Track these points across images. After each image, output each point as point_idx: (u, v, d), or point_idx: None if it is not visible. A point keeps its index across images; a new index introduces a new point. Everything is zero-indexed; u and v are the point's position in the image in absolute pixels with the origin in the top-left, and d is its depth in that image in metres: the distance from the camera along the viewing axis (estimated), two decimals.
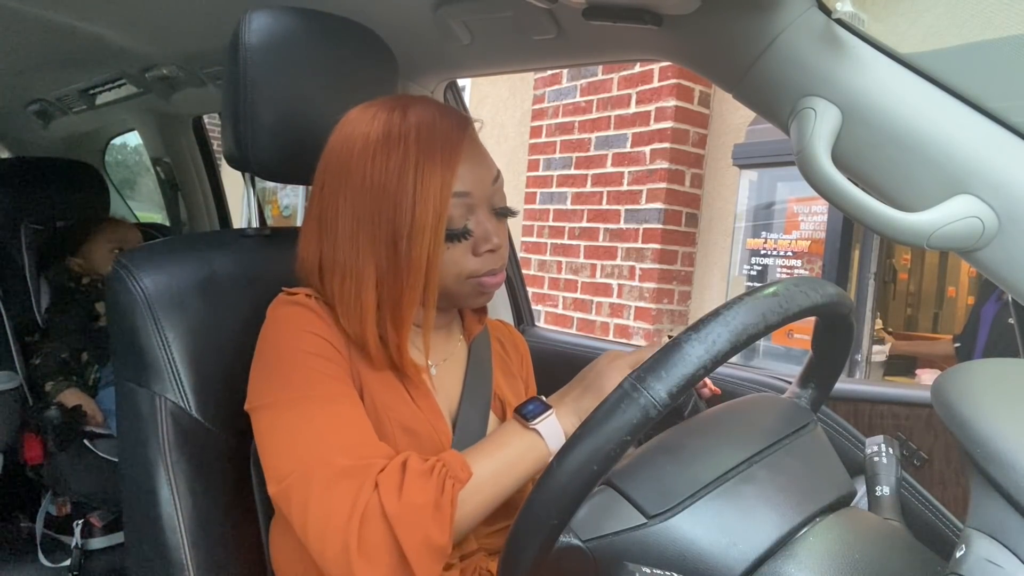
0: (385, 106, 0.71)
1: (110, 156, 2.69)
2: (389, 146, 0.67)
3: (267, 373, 0.68)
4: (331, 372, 0.68)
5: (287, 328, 0.70)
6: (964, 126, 0.65)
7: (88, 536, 1.68)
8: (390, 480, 0.60)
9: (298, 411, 0.65)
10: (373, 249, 0.68)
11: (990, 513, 0.39)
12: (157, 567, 0.75)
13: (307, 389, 0.66)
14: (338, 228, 0.69)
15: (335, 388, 0.67)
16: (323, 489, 0.60)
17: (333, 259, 0.70)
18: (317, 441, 0.63)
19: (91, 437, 1.67)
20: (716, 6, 0.74)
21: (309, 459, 0.62)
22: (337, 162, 0.71)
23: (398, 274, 0.68)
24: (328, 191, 0.71)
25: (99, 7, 1.27)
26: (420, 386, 0.75)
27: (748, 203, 2.97)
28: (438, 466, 0.62)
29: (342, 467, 0.60)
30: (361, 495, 0.59)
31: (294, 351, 0.68)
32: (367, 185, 0.68)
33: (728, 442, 0.57)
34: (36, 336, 1.82)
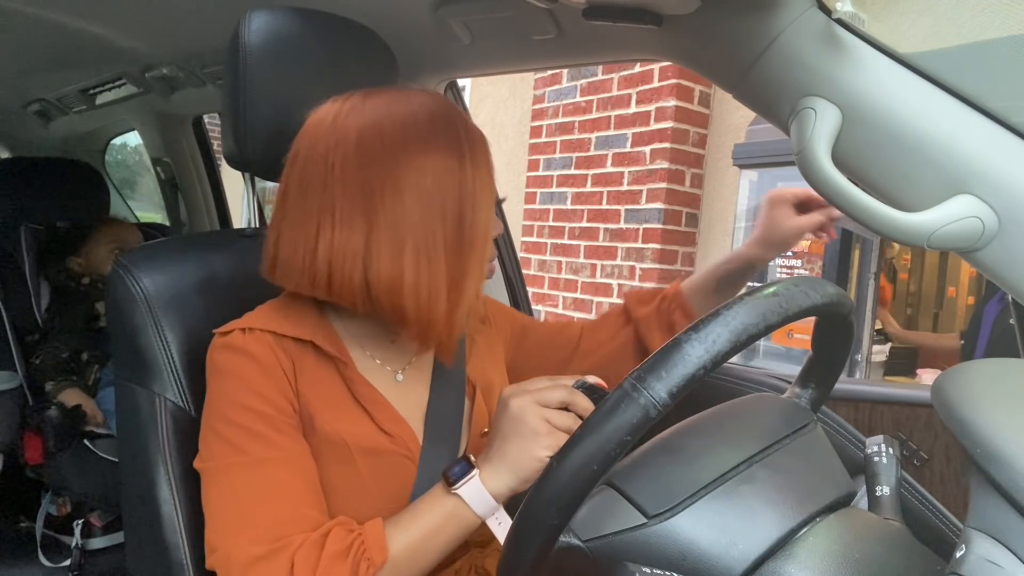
0: (410, 91, 0.73)
1: (110, 156, 2.69)
2: (442, 130, 0.69)
3: (205, 432, 0.69)
4: (263, 430, 0.66)
5: (219, 382, 0.69)
6: (964, 126, 0.65)
7: (88, 536, 1.68)
8: (306, 562, 0.60)
9: (225, 481, 0.65)
10: (443, 225, 0.67)
11: (990, 513, 0.39)
12: (157, 567, 0.75)
13: (235, 455, 0.65)
14: (401, 211, 0.66)
15: (265, 451, 0.65)
16: (244, 571, 0.61)
17: (391, 241, 0.66)
18: (239, 518, 0.63)
19: (91, 437, 1.67)
20: (716, 6, 0.74)
21: (229, 540, 0.63)
22: (380, 144, 0.67)
23: (462, 249, 0.68)
24: (375, 173, 0.67)
25: (99, 7, 1.27)
26: (377, 401, 0.73)
27: (748, 203, 2.97)
28: (356, 544, 0.62)
29: (258, 553, 0.61)
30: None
31: (225, 409, 0.67)
32: (428, 165, 0.67)
33: (728, 442, 0.57)
34: (36, 336, 1.82)
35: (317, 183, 0.68)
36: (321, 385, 0.71)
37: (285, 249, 0.69)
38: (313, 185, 0.68)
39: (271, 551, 0.61)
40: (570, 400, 0.65)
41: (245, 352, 0.69)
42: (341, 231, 0.66)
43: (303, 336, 0.71)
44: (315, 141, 0.69)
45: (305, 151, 0.69)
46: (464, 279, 0.69)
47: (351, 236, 0.66)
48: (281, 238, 0.70)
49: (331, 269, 0.67)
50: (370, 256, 0.66)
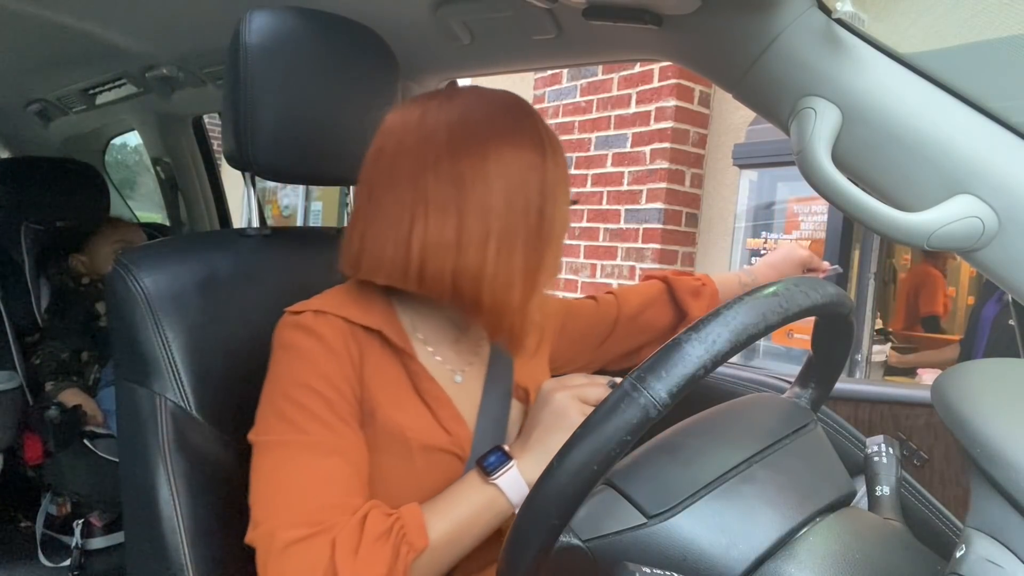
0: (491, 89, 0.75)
1: (110, 156, 2.69)
2: (523, 124, 0.71)
3: (264, 406, 0.69)
4: (324, 414, 0.66)
5: (286, 359, 0.69)
6: (964, 126, 0.65)
7: (88, 536, 1.68)
8: (347, 543, 0.60)
9: (279, 457, 0.65)
10: (525, 218, 0.69)
11: (990, 513, 0.39)
12: (157, 567, 0.75)
13: (293, 433, 0.65)
14: (489, 202, 0.68)
15: (322, 434, 0.66)
16: (280, 553, 0.61)
17: (479, 232, 0.68)
18: (287, 497, 0.64)
19: (91, 437, 1.67)
20: (716, 6, 0.74)
21: (275, 517, 0.63)
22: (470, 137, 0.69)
23: (540, 242, 0.70)
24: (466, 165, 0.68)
25: (99, 7, 1.27)
26: (439, 398, 0.74)
27: (748, 203, 2.97)
28: (396, 527, 0.62)
29: (300, 535, 0.61)
30: (318, 564, 0.59)
31: (289, 387, 0.67)
32: (514, 158, 0.69)
33: (728, 442, 0.57)
34: (36, 336, 1.82)
35: (408, 176, 0.69)
36: (385, 376, 0.72)
37: (374, 243, 0.70)
38: (404, 179, 0.69)
39: (313, 534, 0.61)
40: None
41: (315, 334, 0.69)
42: (434, 222, 0.68)
43: (372, 325, 0.72)
44: (404, 136, 0.71)
45: (393, 147, 0.71)
46: (538, 272, 0.71)
47: (444, 227, 0.68)
48: (368, 232, 0.71)
49: (424, 260, 0.68)
50: (460, 246, 0.68)
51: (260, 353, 0.85)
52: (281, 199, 6.68)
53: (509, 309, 0.70)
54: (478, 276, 0.68)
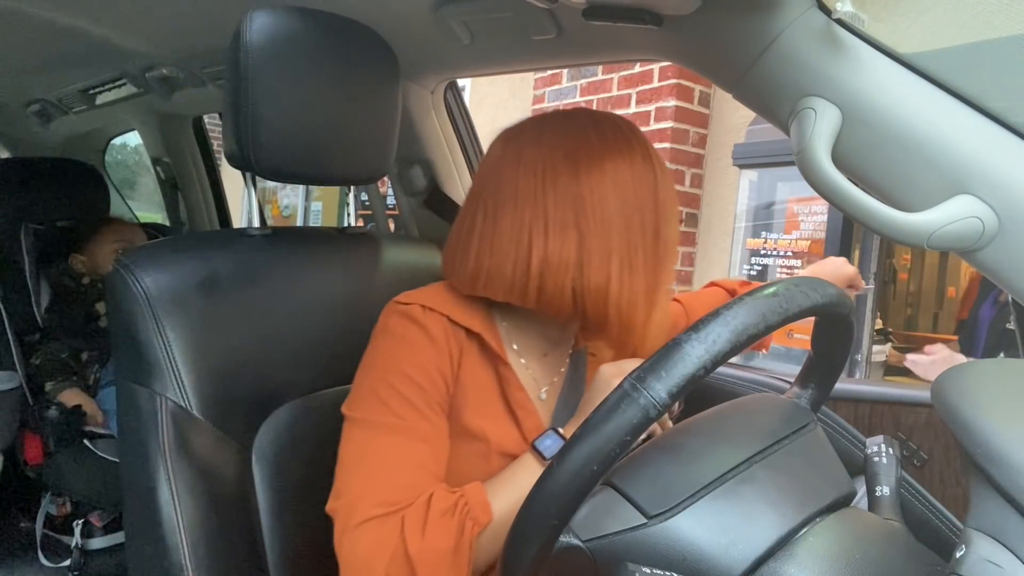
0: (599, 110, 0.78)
1: (110, 156, 2.69)
2: (633, 142, 0.73)
3: (361, 385, 0.72)
4: (417, 401, 0.69)
5: (390, 345, 0.72)
6: (964, 126, 0.65)
7: (88, 536, 1.68)
8: (415, 520, 0.63)
9: (370, 436, 0.68)
10: (642, 236, 0.72)
11: (990, 513, 0.39)
12: (157, 567, 0.75)
13: (387, 415, 0.68)
14: (609, 221, 0.70)
15: (413, 420, 0.69)
16: (356, 527, 0.64)
17: (601, 251, 0.70)
18: (372, 474, 0.66)
19: (91, 437, 1.67)
20: (716, 6, 0.74)
21: (358, 491, 0.66)
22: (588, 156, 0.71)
23: (657, 259, 0.73)
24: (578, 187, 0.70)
25: (99, 7, 1.27)
26: (527, 409, 0.76)
27: (748, 203, 2.97)
28: (460, 504, 0.64)
29: (377, 513, 0.64)
30: (388, 540, 0.62)
31: (389, 372, 0.70)
32: (630, 177, 0.71)
33: (728, 442, 0.57)
34: (36, 336, 1.82)
35: (527, 195, 0.71)
36: (477, 380, 0.74)
37: (493, 261, 0.72)
38: (524, 197, 0.71)
39: (388, 513, 0.64)
40: None
41: (422, 326, 0.72)
42: (554, 240, 0.70)
43: (473, 328, 0.74)
44: (522, 155, 0.73)
45: (511, 165, 0.73)
46: (658, 289, 0.74)
47: (564, 246, 0.70)
48: (487, 251, 0.73)
49: (543, 278, 0.70)
50: (581, 265, 0.70)
51: (260, 353, 0.85)
52: (281, 199, 6.69)
53: (636, 326, 0.72)
54: (603, 294, 0.70)
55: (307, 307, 0.91)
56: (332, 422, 0.91)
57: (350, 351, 0.94)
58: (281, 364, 0.86)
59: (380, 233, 1.13)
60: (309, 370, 0.90)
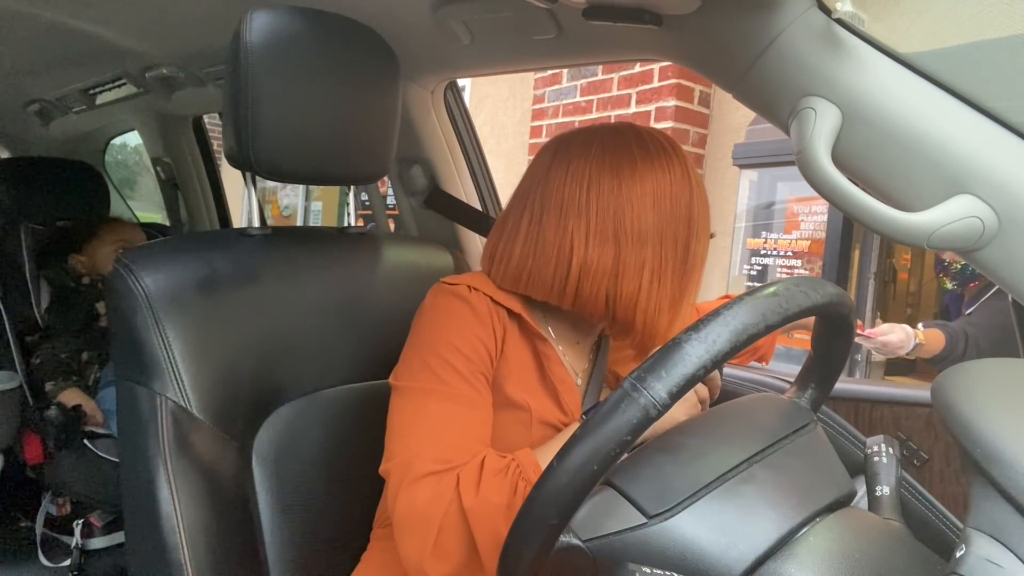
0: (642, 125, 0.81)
1: (110, 156, 2.68)
2: (673, 159, 0.76)
3: (410, 356, 0.75)
4: (464, 371, 0.73)
5: (439, 320, 0.76)
6: (964, 126, 0.65)
7: (88, 536, 1.68)
8: (469, 477, 0.66)
9: (421, 402, 0.72)
10: (674, 249, 0.75)
11: (990, 513, 0.39)
12: (157, 567, 0.75)
13: (436, 383, 0.72)
14: (645, 234, 0.74)
15: (460, 388, 0.72)
16: (413, 482, 0.67)
17: (636, 262, 0.74)
18: (425, 435, 0.70)
19: (91, 437, 1.67)
20: (716, 6, 0.74)
21: (413, 450, 0.69)
22: (631, 168, 0.75)
23: (685, 271, 0.77)
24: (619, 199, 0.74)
25: (99, 7, 1.27)
26: (567, 383, 0.80)
27: (748, 203, 2.97)
28: (512, 465, 0.68)
29: (433, 469, 0.67)
30: (444, 494, 0.65)
31: (438, 344, 0.74)
32: (668, 191, 0.75)
33: (728, 442, 0.57)
34: (36, 336, 1.82)
35: (573, 203, 0.75)
36: (519, 358, 0.78)
37: (536, 263, 0.77)
38: (570, 205, 0.76)
39: (444, 470, 0.67)
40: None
41: (469, 303, 0.76)
42: (594, 249, 0.74)
43: (514, 309, 0.78)
44: (569, 163, 0.77)
45: (560, 173, 0.77)
46: (683, 299, 0.78)
47: (602, 255, 0.74)
48: (528, 251, 0.77)
49: (580, 282, 0.75)
50: (616, 274, 0.74)
51: (260, 352, 0.85)
52: (281, 199, 6.68)
53: (659, 333, 0.77)
54: (633, 302, 0.75)
55: (307, 307, 0.91)
56: (332, 421, 0.91)
57: (350, 351, 0.94)
58: (281, 364, 0.86)
59: (380, 233, 1.13)
60: (309, 370, 0.90)
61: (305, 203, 6.47)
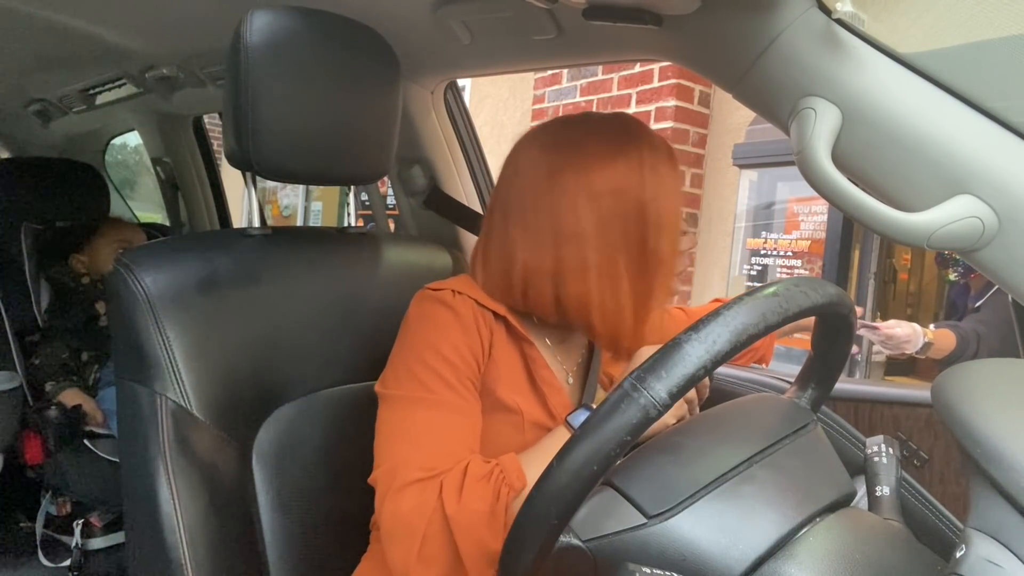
0: (597, 113, 0.79)
1: (110, 156, 2.68)
2: (621, 152, 0.73)
3: (396, 364, 0.75)
4: (450, 377, 0.72)
5: (424, 327, 0.75)
6: (964, 126, 0.65)
7: (88, 536, 1.68)
8: (452, 484, 0.65)
9: (407, 410, 0.72)
10: (625, 248, 0.73)
11: (990, 513, 0.39)
12: (157, 567, 0.75)
13: (422, 391, 0.72)
14: (583, 233, 0.72)
15: (446, 395, 0.72)
16: (398, 490, 0.67)
17: (577, 261, 0.73)
18: (411, 443, 0.70)
19: (91, 437, 1.67)
20: (716, 6, 0.74)
21: (398, 458, 0.69)
22: (562, 168, 0.74)
23: (646, 269, 0.74)
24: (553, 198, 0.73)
25: (99, 7, 1.27)
26: (554, 386, 0.79)
27: (748, 203, 2.97)
28: (496, 471, 0.67)
29: (418, 476, 0.67)
30: (428, 502, 0.65)
31: (423, 351, 0.73)
32: (605, 188, 0.72)
33: (728, 442, 0.57)
34: (36, 336, 1.82)
35: (517, 205, 0.76)
36: (507, 360, 0.78)
37: (492, 265, 0.78)
38: (515, 207, 0.76)
39: (428, 477, 0.67)
40: None
41: (453, 308, 0.75)
42: (534, 251, 0.74)
43: (499, 312, 0.77)
44: (519, 164, 0.77)
45: (510, 174, 0.78)
46: (649, 298, 0.76)
47: (542, 255, 0.74)
48: (488, 254, 0.79)
49: (526, 285, 0.75)
50: (559, 275, 0.74)
51: (261, 352, 0.85)
52: (281, 199, 6.68)
53: (624, 333, 0.75)
54: (584, 303, 0.74)
55: (307, 307, 0.91)
56: (332, 421, 0.91)
57: (350, 351, 0.94)
58: (281, 364, 0.86)
59: (380, 233, 1.13)
60: (309, 370, 0.90)
61: (305, 203, 6.47)
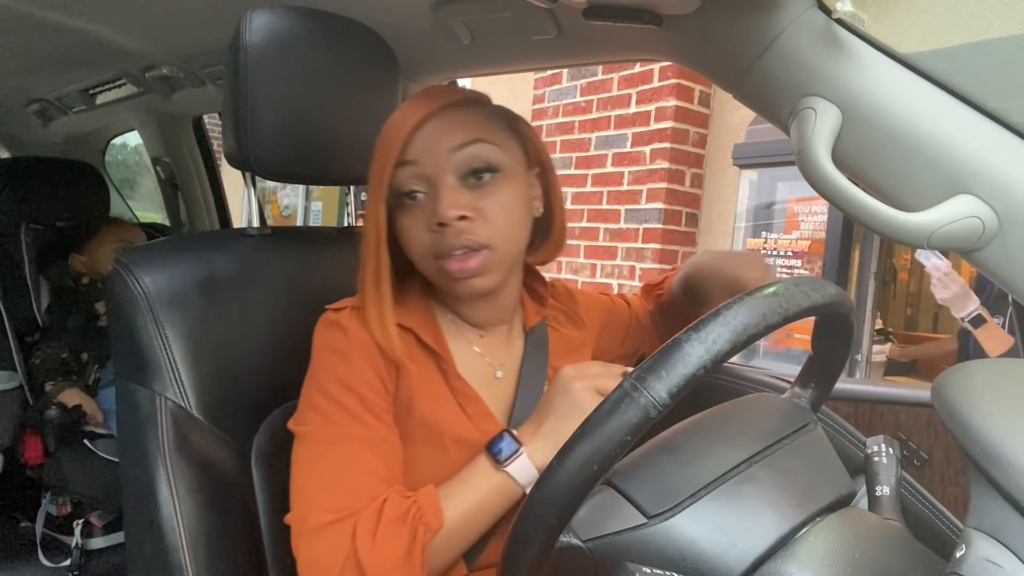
0: None
1: (110, 156, 2.68)
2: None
3: (303, 399, 0.72)
4: (354, 408, 0.69)
5: (323, 357, 0.72)
6: (964, 126, 0.65)
7: (88, 536, 1.68)
8: (366, 527, 0.63)
9: (313, 448, 0.69)
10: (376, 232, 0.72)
11: (990, 513, 0.39)
12: (157, 567, 0.75)
13: (326, 426, 0.69)
14: None
15: (352, 427, 0.69)
16: (309, 535, 0.65)
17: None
18: (319, 484, 0.67)
19: (91, 437, 1.67)
20: (716, 6, 0.74)
21: (308, 502, 0.66)
22: None
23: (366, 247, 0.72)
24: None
25: (99, 7, 1.27)
26: (468, 396, 0.75)
27: (748, 203, 2.97)
28: (412, 510, 0.64)
29: (328, 520, 0.64)
30: (341, 547, 0.62)
31: (323, 383, 0.71)
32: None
33: (728, 442, 0.57)
34: (36, 336, 1.82)
35: None
36: (422, 372, 0.74)
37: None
38: None
39: (339, 519, 0.64)
40: None
41: (346, 332, 0.72)
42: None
43: (405, 324, 0.74)
44: None
45: None
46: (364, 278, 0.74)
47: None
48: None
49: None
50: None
51: (260, 353, 0.85)
52: (281, 199, 6.69)
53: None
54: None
55: (307, 307, 0.90)
56: None
57: None
58: (281, 364, 0.86)
59: None
60: None
61: (305, 203, 6.48)
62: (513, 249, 0.74)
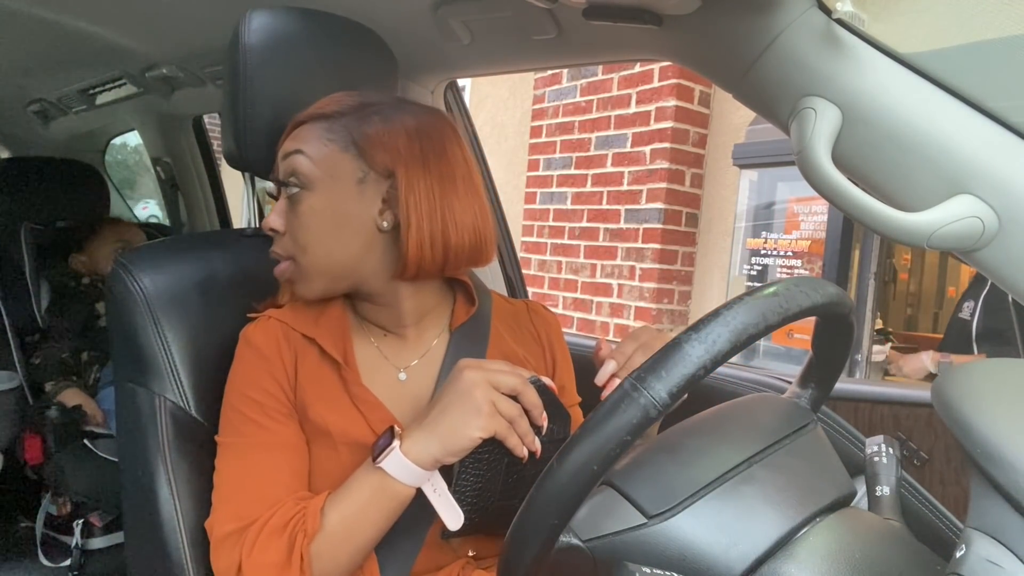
0: None
1: (110, 156, 2.69)
2: None
3: (221, 412, 0.75)
4: (257, 417, 0.71)
5: (233, 369, 0.75)
6: (964, 126, 0.65)
7: (88, 536, 1.68)
8: (252, 535, 0.65)
9: (225, 458, 0.72)
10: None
11: (990, 513, 0.39)
12: (157, 567, 0.75)
13: (234, 437, 0.72)
14: None
15: (257, 436, 0.71)
16: (216, 545, 0.68)
17: None
18: (226, 494, 0.70)
19: (91, 437, 1.67)
20: (716, 6, 0.74)
21: (216, 512, 0.70)
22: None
23: None
24: None
25: (99, 7, 1.27)
26: (369, 402, 0.73)
27: (748, 203, 2.97)
28: (296, 518, 0.65)
29: (230, 529, 0.67)
30: (234, 556, 0.65)
31: (231, 394, 0.74)
32: None
33: (728, 442, 0.57)
34: (36, 336, 1.82)
35: None
36: (320, 380, 0.74)
37: None
38: None
39: (239, 528, 0.66)
40: (522, 390, 0.66)
41: (251, 343, 0.74)
42: None
43: (308, 333, 0.75)
44: None
45: None
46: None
47: None
48: None
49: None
50: None
51: None
52: None
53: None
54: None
55: None
56: None
57: None
58: None
59: None
60: None
61: None
62: (319, 263, 0.72)
